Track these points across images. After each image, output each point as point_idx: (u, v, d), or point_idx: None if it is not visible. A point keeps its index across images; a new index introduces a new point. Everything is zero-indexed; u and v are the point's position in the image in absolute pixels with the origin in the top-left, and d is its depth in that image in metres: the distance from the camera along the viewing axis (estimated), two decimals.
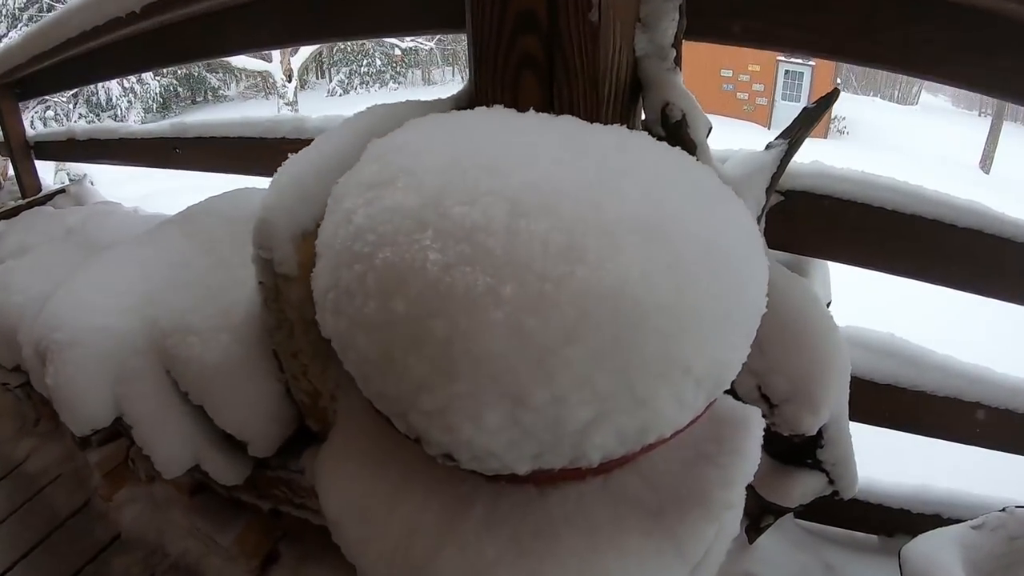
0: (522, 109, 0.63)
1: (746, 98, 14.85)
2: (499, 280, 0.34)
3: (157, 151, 1.42)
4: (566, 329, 0.34)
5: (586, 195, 0.37)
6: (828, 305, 0.92)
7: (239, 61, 15.35)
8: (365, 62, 21.14)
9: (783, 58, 14.01)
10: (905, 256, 0.83)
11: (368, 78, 21.03)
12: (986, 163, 11.89)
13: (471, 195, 0.36)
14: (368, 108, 0.61)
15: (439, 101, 0.70)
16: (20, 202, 1.67)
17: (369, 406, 0.52)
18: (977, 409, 0.92)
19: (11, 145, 1.87)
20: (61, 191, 1.72)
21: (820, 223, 0.81)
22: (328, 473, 0.55)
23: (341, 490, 0.53)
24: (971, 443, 0.97)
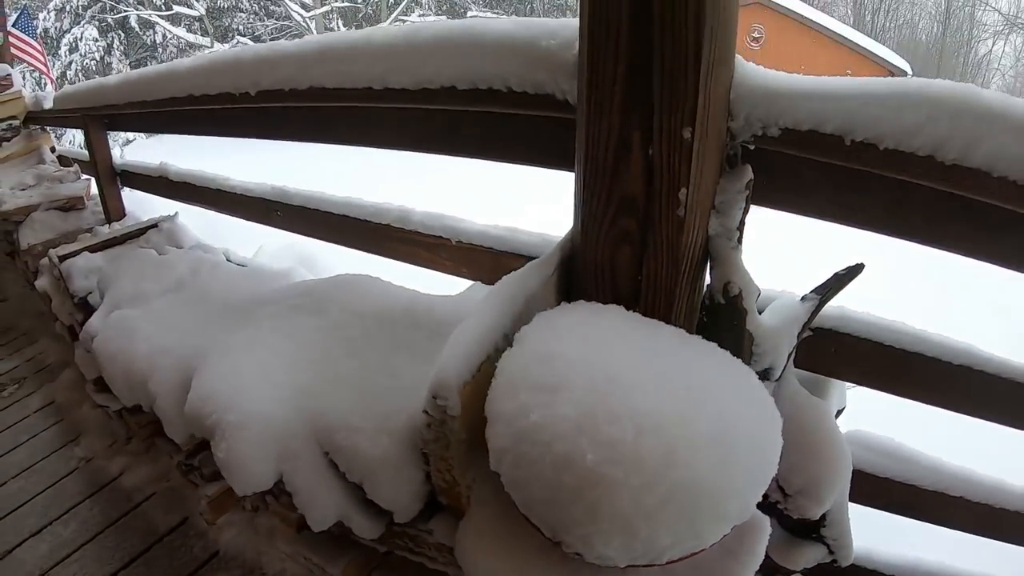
0: (617, 272, 0.97)
1: None
2: (629, 475, 0.68)
3: (256, 208, 1.75)
4: (664, 501, 0.69)
5: (681, 416, 0.71)
6: (842, 412, 1.27)
7: None
8: None
9: None
10: (909, 384, 1.16)
11: None
12: None
13: (614, 416, 0.70)
14: (501, 283, 0.95)
15: (550, 258, 1.03)
16: (115, 234, 2.00)
17: (507, 503, 0.87)
18: (961, 502, 1.27)
19: (98, 170, 2.21)
20: (154, 226, 2.06)
21: (840, 354, 1.15)
22: (471, 548, 0.91)
23: (484, 563, 0.88)
24: (958, 529, 1.32)
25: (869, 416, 1.51)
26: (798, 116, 0.95)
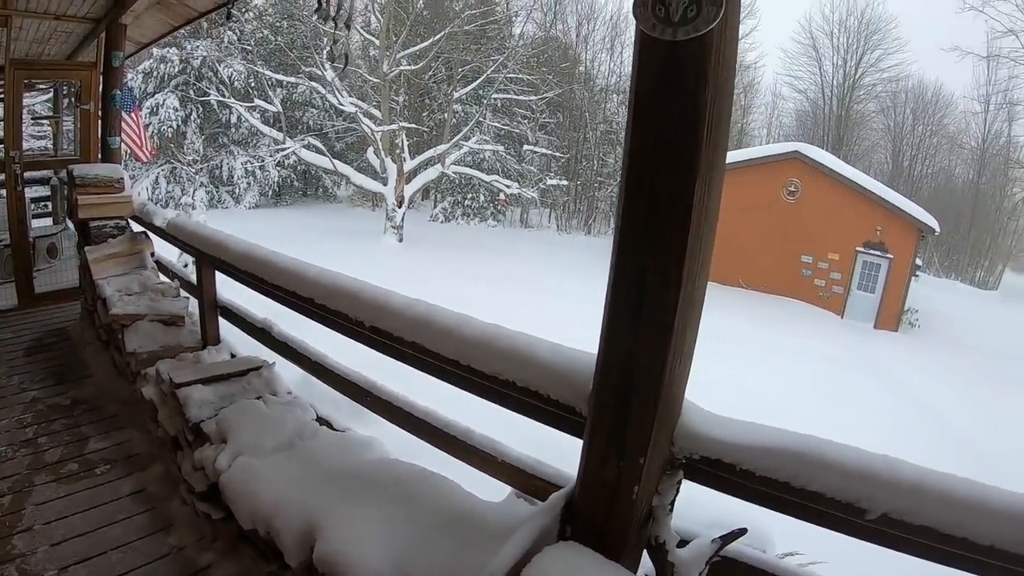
0: (595, 518, 2.27)
1: (823, 285, 22.49)
2: None
3: (350, 388, 3.06)
4: None
5: None
6: None
7: (358, 179, 25.54)
8: (470, 195, 32.36)
9: (862, 249, 21.49)
10: None
11: (471, 211, 32.20)
12: None
13: None
14: (531, 519, 2.25)
15: (558, 502, 2.33)
16: (221, 371, 3.29)
17: None
18: None
19: (203, 300, 3.52)
20: (255, 370, 3.37)
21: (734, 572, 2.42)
22: None
23: None
24: None
25: None
26: (711, 451, 2.21)
